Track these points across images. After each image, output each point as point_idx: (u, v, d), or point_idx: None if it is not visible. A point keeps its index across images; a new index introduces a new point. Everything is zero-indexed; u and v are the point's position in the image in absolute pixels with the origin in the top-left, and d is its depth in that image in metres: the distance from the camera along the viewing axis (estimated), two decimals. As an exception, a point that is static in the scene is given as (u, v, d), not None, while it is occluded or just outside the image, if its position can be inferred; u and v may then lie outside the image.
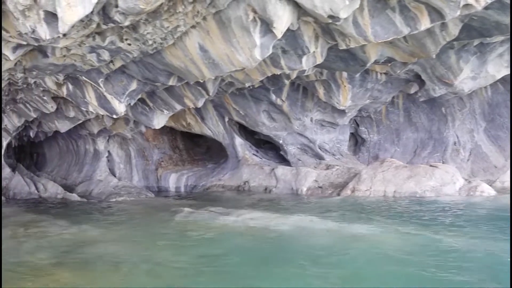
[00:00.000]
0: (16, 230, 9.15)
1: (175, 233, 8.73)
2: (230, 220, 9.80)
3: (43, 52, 10.04)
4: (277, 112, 15.38)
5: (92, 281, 5.71)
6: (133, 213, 11.58)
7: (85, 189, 16.96)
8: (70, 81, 12.30)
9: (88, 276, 5.91)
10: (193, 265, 6.39)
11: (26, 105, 14.41)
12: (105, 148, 19.21)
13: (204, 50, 9.59)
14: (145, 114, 14.59)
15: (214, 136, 17.24)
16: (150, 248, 7.50)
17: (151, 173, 18.76)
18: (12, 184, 16.91)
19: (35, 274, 5.91)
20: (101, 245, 7.62)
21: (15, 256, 6.85)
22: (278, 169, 15.46)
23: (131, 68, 11.29)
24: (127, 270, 6.20)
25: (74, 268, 6.23)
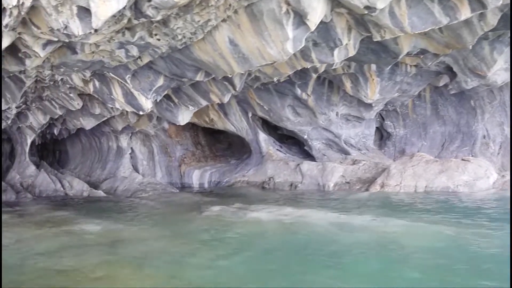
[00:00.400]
0: (51, 229, 9.14)
1: (210, 230, 8.61)
2: (263, 216, 9.66)
3: (72, 48, 10.00)
4: (302, 107, 15.17)
5: (144, 280, 5.63)
6: (162, 210, 11.52)
7: (110, 186, 16.99)
8: (97, 78, 12.27)
9: (139, 275, 5.83)
10: (237, 263, 6.27)
11: (52, 103, 14.45)
12: (128, 145, 19.24)
13: (234, 44, 9.44)
14: (170, 110, 14.52)
15: (237, 132, 17.11)
16: (190, 246, 7.38)
17: (174, 170, 18.73)
18: (38, 181, 17.02)
19: (86, 275, 5.83)
20: (140, 243, 7.54)
21: (59, 256, 6.80)
22: (304, 164, 15.27)
23: (158, 64, 11.20)
24: (173, 269, 6.09)
25: (123, 267, 6.15)
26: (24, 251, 7.11)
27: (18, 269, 6.23)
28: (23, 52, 9.72)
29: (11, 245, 7.51)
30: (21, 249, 7.20)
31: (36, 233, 8.59)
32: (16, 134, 18.94)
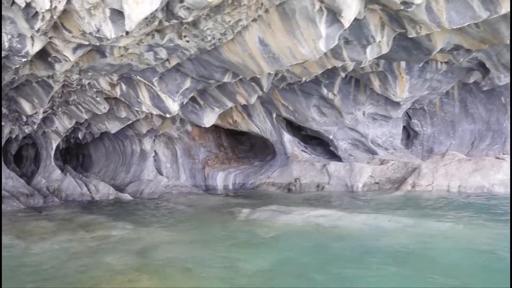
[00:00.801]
0: (81, 233, 9.11)
1: (243, 233, 8.47)
2: (295, 218, 9.48)
3: (101, 52, 9.98)
4: (327, 107, 14.95)
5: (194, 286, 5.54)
6: (191, 213, 11.42)
7: (136, 189, 17.00)
8: (124, 81, 12.26)
9: (170, 281, 5.71)
10: (272, 266, 6.11)
11: (78, 107, 14.51)
12: (152, 148, 19.25)
13: (264, 44, 9.30)
14: (195, 112, 14.45)
15: (261, 133, 16.97)
16: (223, 250, 7.27)
17: (198, 172, 18.66)
18: (64, 185, 17.12)
19: (133, 281, 5.74)
20: (180, 247, 7.43)
21: (99, 261, 6.74)
22: (331, 165, 15.05)
23: (186, 66, 11.12)
24: (208, 274, 5.97)
25: (155, 272, 6.04)
26: (61, 256, 7.05)
27: (57, 275, 6.17)
28: (53, 56, 9.74)
29: (48, 251, 7.48)
30: (59, 255, 7.15)
31: (71, 238, 8.55)
32: (41, 138, 19.10)
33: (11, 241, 8.54)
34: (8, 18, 7.90)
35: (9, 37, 8.26)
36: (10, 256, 7.44)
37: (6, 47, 8.40)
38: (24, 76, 11.15)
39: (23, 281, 5.92)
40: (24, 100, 13.42)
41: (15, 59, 9.02)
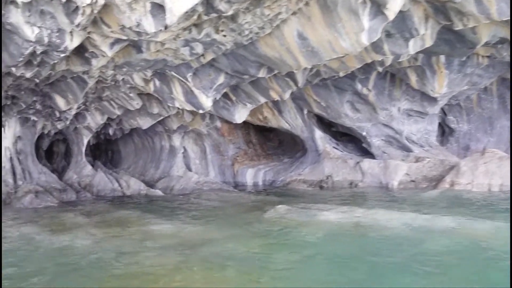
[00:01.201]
0: (120, 229, 9.09)
1: (282, 231, 8.30)
2: (333, 217, 9.25)
3: (138, 47, 9.93)
4: (361, 103, 14.62)
5: (222, 283, 5.40)
6: (225, 210, 11.31)
7: (166, 185, 17.02)
8: (157, 77, 12.22)
9: (226, 278, 5.60)
10: (319, 270, 5.91)
11: (111, 103, 14.58)
12: (181, 144, 19.25)
13: (303, 38, 9.09)
14: (226, 108, 14.34)
15: (291, 130, 16.75)
16: (263, 248, 7.10)
17: (227, 168, 18.58)
18: (95, 181, 17.26)
19: (172, 277, 5.65)
20: (217, 244, 7.30)
21: (140, 257, 6.68)
22: (364, 162, 14.73)
23: (220, 61, 11.00)
24: (261, 273, 5.82)
25: (209, 269, 5.92)
26: (107, 253, 7.01)
27: (97, 272, 6.12)
28: (91, 52, 9.73)
29: (89, 247, 7.46)
30: (104, 251, 7.11)
31: (109, 233, 8.53)
32: (73, 134, 19.31)
33: (51, 236, 8.57)
34: (48, 13, 7.90)
35: (49, 32, 8.26)
36: (53, 252, 7.46)
37: (46, 42, 8.40)
38: (60, 72, 11.20)
39: (75, 280, 5.88)
40: (59, 96, 13.53)
41: (53, 55, 9.05)
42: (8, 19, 7.94)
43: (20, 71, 9.89)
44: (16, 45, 8.63)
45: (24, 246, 7.87)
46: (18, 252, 7.44)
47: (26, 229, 9.20)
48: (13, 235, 8.76)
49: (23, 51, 8.65)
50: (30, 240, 8.28)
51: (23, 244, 8.00)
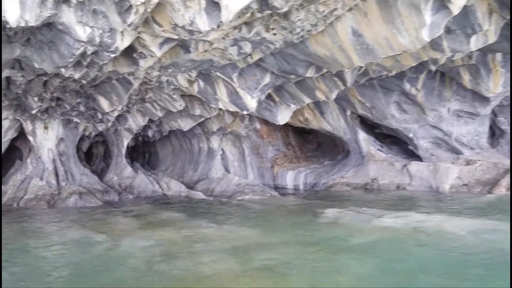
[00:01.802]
0: (166, 231, 8.93)
1: (335, 236, 7.95)
2: (389, 222, 8.84)
3: (186, 47, 9.78)
4: (409, 103, 14.09)
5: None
6: (271, 213, 11.04)
7: (206, 187, 16.88)
8: (202, 78, 12.08)
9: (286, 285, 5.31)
10: (381, 279, 5.53)
11: (153, 104, 14.54)
12: (219, 146, 19.11)
13: (358, 35, 8.72)
14: (269, 109, 14.08)
15: (333, 131, 16.33)
16: (325, 255, 6.77)
17: (267, 171, 18.31)
18: (136, 182, 17.30)
19: (230, 283, 5.41)
20: (270, 249, 7.00)
21: (194, 261, 6.47)
22: (412, 165, 14.18)
23: (267, 61, 10.74)
24: (322, 281, 5.50)
25: (267, 276, 5.65)
26: (155, 255, 6.84)
27: (154, 276, 5.93)
28: (139, 52, 9.64)
29: (141, 251, 7.31)
30: (152, 254, 6.95)
31: (159, 236, 8.37)
32: (113, 136, 19.47)
33: (99, 237, 8.49)
34: (101, 12, 7.80)
35: (100, 32, 8.18)
36: (102, 253, 7.36)
37: (97, 42, 8.33)
38: (106, 73, 11.19)
39: (125, 282, 5.71)
40: (103, 97, 13.58)
41: (104, 55, 8.99)
42: (60, 19, 7.89)
43: (69, 72, 9.90)
44: (67, 45, 8.59)
45: (74, 249, 7.81)
46: (66, 256, 7.38)
47: (76, 233, 9.14)
48: (64, 239, 8.73)
49: (74, 52, 8.60)
50: (82, 244, 8.22)
51: (74, 248, 7.94)
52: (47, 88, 12.10)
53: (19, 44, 9.14)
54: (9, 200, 15.59)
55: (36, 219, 11.59)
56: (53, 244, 8.25)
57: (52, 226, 10.23)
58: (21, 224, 10.85)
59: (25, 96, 12.94)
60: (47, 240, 8.66)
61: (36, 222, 11.17)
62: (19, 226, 10.54)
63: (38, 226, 10.51)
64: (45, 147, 16.74)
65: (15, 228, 10.19)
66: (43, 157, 16.70)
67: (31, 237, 8.99)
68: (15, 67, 10.39)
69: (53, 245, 8.21)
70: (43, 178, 16.35)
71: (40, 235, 9.20)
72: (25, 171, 16.96)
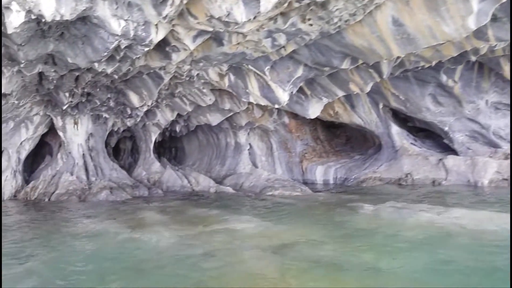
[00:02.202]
0: (201, 227, 8.79)
1: (378, 233, 7.68)
2: (429, 217, 8.50)
3: (219, 40, 9.60)
4: (445, 95, 13.63)
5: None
6: (307, 208, 10.80)
7: (235, 182, 16.75)
8: (232, 72, 11.90)
9: (339, 283, 5.09)
10: (447, 279, 5.26)
11: (182, 99, 14.46)
12: (246, 141, 18.94)
13: (398, 24, 8.39)
14: (300, 103, 13.82)
15: (364, 125, 15.97)
16: (369, 252, 6.50)
17: (295, 166, 18.06)
18: (164, 177, 17.32)
19: (278, 282, 5.23)
20: (312, 246, 6.78)
21: (228, 258, 6.32)
22: (448, 159, 13.73)
23: (301, 53, 10.49)
24: (374, 280, 5.26)
25: (315, 274, 5.45)
26: (194, 254, 6.68)
27: (191, 274, 5.78)
28: (172, 46, 9.52)
29: (177, 248, 7.16)
30: (191, 251, 6.79)
31: (193, 232, 8.24)
32: (141, 131, 19.52)
33: (134, 233, 8.40)
34: (136, 5, 7.69)
35: (135, 25, 8.07)
36: (139, 251, 7.25)
37: (131, 36, 8.23)
38: (137, 68, 11.12)
39: (168, 280, 5.59)
40: (133, 92, 13.55)
41: (137, 49, 8.89)
42: (95, 12, 7.80)
43: (102, 67, 9.84)
44: (101, 39, 8.51)
45: (110, 244, 7.74)
46: (104, 250, 7.31)
47: (110, 226, 9.11)
48: (94, 231, 8.69)
49: (108, 46, 8.53)
50: (117, 238, 8.15)
51: (110, 243, 7.88)
52: (79, 83, 12.12)
53: (52, 39, 9.10)
54: (40, 195, 15.77)
55: (69, 213, 11.63)
56: (87, 239, 8.20)
57: (86, 220, 10.20)
58: (55, 217, 10.91)
59: (57, 91, 13.00)
60: (81, 234, 8.62)
61: (70, 216, 11.20)
62: (53, 220, 10.61)
63: (72, 219, 10.52)
64: (75, 142, 16.88)
65: (49, 221, 10.26)
66: (73, 152, 16.85)
67: (68, 227, 8.99)
68: (48, 62, 10.38)
69: (87, 240, 8.16)
70: (73, 173, 16.51)
71: (76, 228, 9.18)
72: (56, 166, 17.16)
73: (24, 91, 12.19)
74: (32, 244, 8.00)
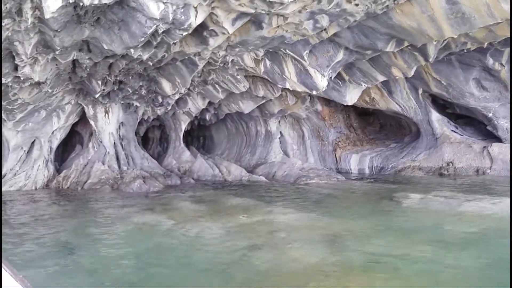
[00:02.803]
0: (241, 217, 8.51)
1: (429, 225, 7.24)
2: (482, 208, 8.02)
3: (258, 23, 9.21)
4: (490, 80, 12.95)
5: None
6: (348, 199, 10.40)
7: (267, 171, 16.43)
8: (269, 57, 11.51)
9: (403, 282, 4.71)
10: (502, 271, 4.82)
11: (215, 86, 14.13)
12: (277, 129, 18.56)
13: (453, 2, 7.84)
14: (337, 89, 13.33)
15: (402, 112, 15.37)
16: (423, 244, 6.09)
17: (328, 154, 17.60)
18: (195, 166, 17.11)
19: (338, 278, 4.88)
20: (362, 240, 6.37)
21: (275, 251, 6.00)
22: (493, 147, 13.10)
23: (343, 35, 10.02)
24: (442, 279, 4.86)
25: (375, 271, 5.08)
26: (238, 246, 6.37)
27: (239, 269, 5.47)
28: (210, 30, 9.16)
29: (221, 240, 6.86)
30: (234, 244, 6.48)
31: (235, 223, 7.95)
32: (170, 120, 19.35)
33: (177, 226, 8.12)
34: (175, -13, 7.37)
35: (174, 8, 7.76)
36: (182, 241, 6.99)
37: (170, 19, 7.91)
38: (172, 54, 10.81)
39: (215, 275, 5.30)
40: (166, 80, 13.31)
41: (175, 33, 8.57)
42: (133, -4, 7.52)
43: (138, 53, 9.57)
44: (139, 24, 8.22)
45: (151, 236, 7.51)
46: (145, 243, 7.07)
47: (150, 218, 8.87)
48: (137, 225, 8.48)
49: (146, 30, 8.23)
50: (160, 230, 7.92)
51: (150, 235, 7.65)
52: (112, 71, 11.91)
53: (88, 25, 8.86)
54: (73, 184, 15.76)
55: (106, 203, 11.51)
56: (128, 230, 8.00)
57: (123, 211, 10.01)
58: (92, 208, 10.79)
59: (89, 79, 12.85)
60: (121, 225, 8.44)
61: (107, 207, 11.06)
62: (91, 209, 10.49)
63: (110, 210, 10.35)
64: (106, 131, 16.80)
65: (88, 211, 10.13)
66: (104, 141, 16.78)
67: (108, 219, 8.83)
68: (83, 49, 10.18)
69: (128, 231, 7.96)
70: (105, 162, 16.44)
71: (113, 220, 9.00)
72: (87, 156, 17.12)
73: (58, 79, 12.06)
74: (75, 236, 7.83)
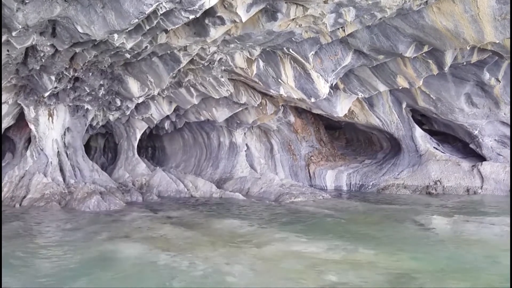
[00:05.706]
0: (242, 247, 6.93)
1: (484, 256, 6.18)
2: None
3: (272, 13, 7.78)
4: (481, 96, 12.49)
5: None
6: (358, 222, 9.05)
7: (239, 187, 14.80)
8: (263, 58, 10.08)
9: None
10: None
11: (190, 90, 12.39)
12: (243, 141, 17.05)
13: (504, 2, 6.96)
14: (327, 98, 12.13)
15: (383, 127, 14.56)
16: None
17: (301, 169, 16.34)
18: (154, 180, 15.02)
19: None
20: (430, 280, 5.15)
21: None
22: (485, 166, 12.60)
23: (358, 36, 8.89)
24: None
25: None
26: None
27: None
28: (216, 17, 7.56)
29: (247, 279, 5.27)
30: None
31: (246, 256, 6.28)
32: (122, 127, 17.16)
33: (170, 259, 6.36)
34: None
35: (186, -18, 6.12)
36: (184, 280, 5.31)
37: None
38: (154, 47, 9.02)
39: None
40: (134, 79, 11.38)
41: (179, 16, 6.90)
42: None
43: (121, 40, 7.69)
44: (135, 1, 6.43)
45: (153, 276, 5.71)
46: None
47: (132, 250, 6.93)
48: (121, 262, 6.57)
49: (145, 9, 6.46)
50: (153, 267, 6.11)
51: (151, 274, 5.84)
52: (75, 63, 9.79)
53: (61, 0, 6.92)
54: (7, 200, 13.11)
55: (60, 226, 9.28)
56: (116, 276, 6.10)
57: (91, 239, 7.90)
58: (42, 230, 8.56)
59: (40, 74, 10.57)
60: (99, 268, 6.49)
61: (64, 229, 8.86)
62: (42, 235, 8.28)
63: (69, 237, 8.20)
64: (49, 138, 14.30)
65: (40, 238, 7.94)
66: (46, 149, 14.25)
67: (71, 251, 6.79)
68: (45, 33, 8.06)
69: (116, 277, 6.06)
70: (47, 174, 13.92)
71: (82, 254, 6.98)
72: (24, 166, 14.41)
73: (3, 71, 9.71)
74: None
